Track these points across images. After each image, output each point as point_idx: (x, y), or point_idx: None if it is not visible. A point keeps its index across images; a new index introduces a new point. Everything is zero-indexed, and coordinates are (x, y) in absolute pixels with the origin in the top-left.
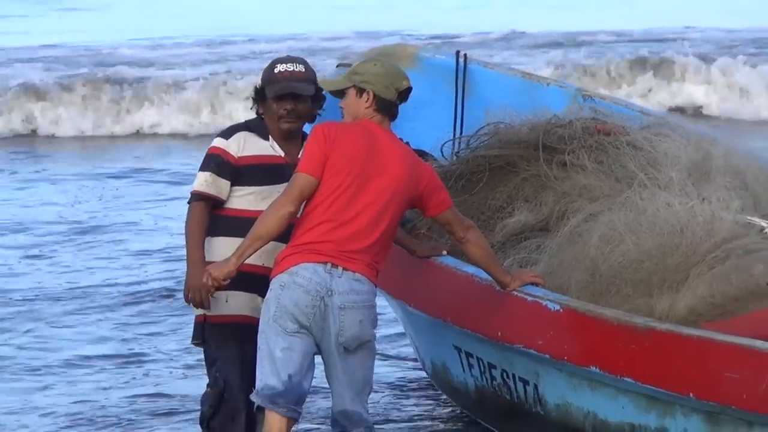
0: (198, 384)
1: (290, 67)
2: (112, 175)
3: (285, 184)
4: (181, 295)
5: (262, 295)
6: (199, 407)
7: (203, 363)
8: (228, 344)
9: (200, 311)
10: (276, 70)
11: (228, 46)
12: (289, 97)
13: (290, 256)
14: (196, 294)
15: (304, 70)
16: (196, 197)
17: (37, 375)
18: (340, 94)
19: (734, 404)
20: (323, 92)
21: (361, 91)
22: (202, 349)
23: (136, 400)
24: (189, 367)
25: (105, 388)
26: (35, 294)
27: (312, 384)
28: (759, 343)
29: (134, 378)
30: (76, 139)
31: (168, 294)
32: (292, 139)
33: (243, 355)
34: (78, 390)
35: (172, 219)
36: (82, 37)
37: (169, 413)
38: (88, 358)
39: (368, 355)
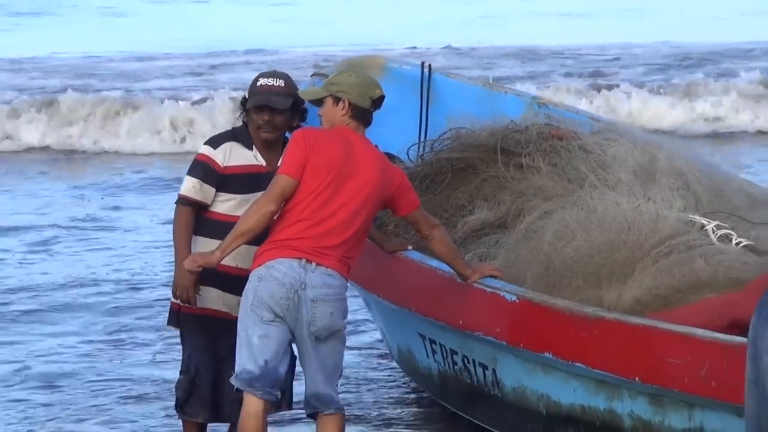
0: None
1: (270, 81)
2: None
3: (263, 192)
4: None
5: (232, 293)
6: (174, 393)
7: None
8: (198, 334)
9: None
10: (258, 83)
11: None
12: (266, 109)
13: (268, 251)
14: (183, 292)
15: (283, 84)
16: (184, 202)
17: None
18: (318, 102)
19: (676, 387)
20: (305, 105)
21: (337, 99)
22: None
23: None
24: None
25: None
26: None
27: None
28: (699, 332)
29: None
30: None
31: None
32: (273, 148)
33: (213, 345)
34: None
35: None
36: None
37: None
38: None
39: (338, 342)
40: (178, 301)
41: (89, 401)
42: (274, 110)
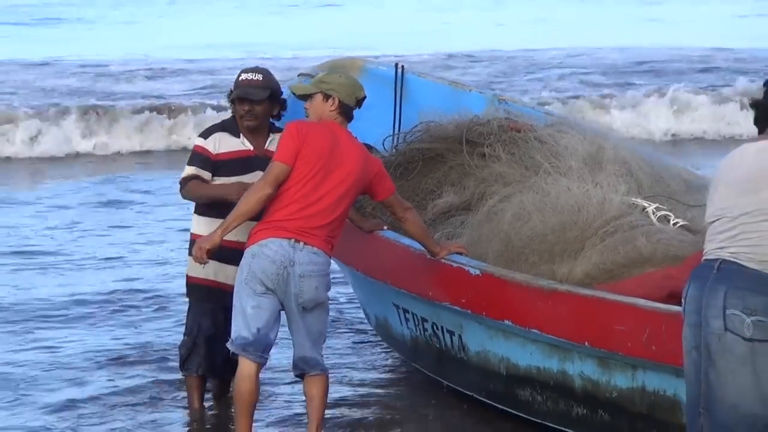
0: None
1: (250, 76)
2: None
3: (253, 173)
4: None
5: (231, 263)
6: (178, 352)
7: None
8: (201, 301)
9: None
10: (240, 78)
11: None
12: (246, 101)
13: (262, 230)
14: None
15: (261, 78)
16: (189, 179)
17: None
18: (305, 97)
19: (621, 351)
20: (283, 97)
21: (327, 96)
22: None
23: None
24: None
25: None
26: None
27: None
28: (641, 302)
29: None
30: None
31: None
32: (258, 133)
33: (212, 312)
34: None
35: None
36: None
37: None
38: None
39: (323, 312)
40: (188, 270)
41: None
42: (252, 101)
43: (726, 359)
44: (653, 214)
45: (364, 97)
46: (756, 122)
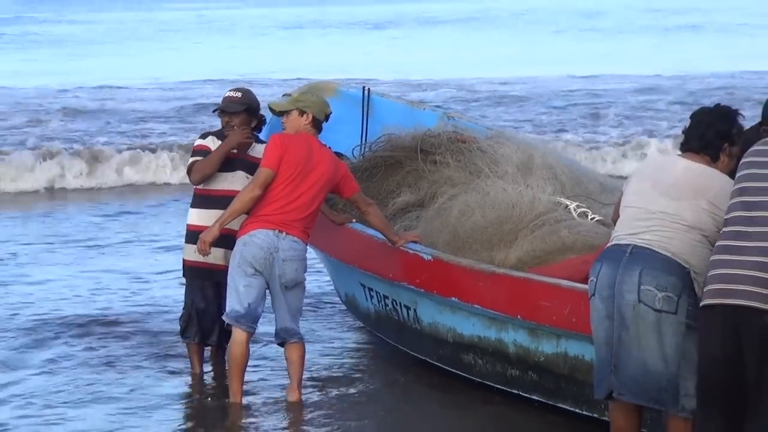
0: None
1: (232, 93)
2: None
3: (234, 172)
4: None
5: (216, 246)
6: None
7: None
8: (194, 280)
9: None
10: (225, 95)
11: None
12: (225, 113)
13: (251, 223)
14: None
15: (240, 95)
16: (195, 158)
17: None
18: (283, 113)
19: (547, 323)
20: (260, 112)
21: (302, 112)
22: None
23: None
24: None
25: None
26: None
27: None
28: (564, 282)
29: None
30: None
31: None
32: (243, 142)
33: (203, 288)
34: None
35: None
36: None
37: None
38: None
39: (301, 291)
40: (185, 255)
41: None
42: (230, 113)
43: (638, 326)
44: (574, 210)
45: (331, 113)
46: (681, 147)
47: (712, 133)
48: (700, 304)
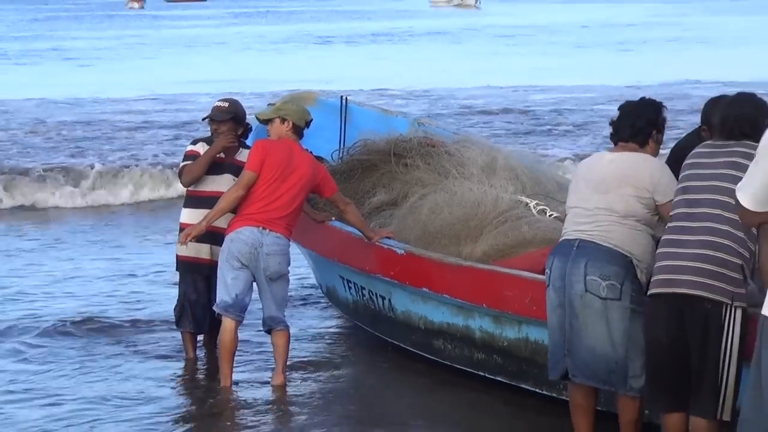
0: None
1: (220, 103)
2: None
3: (222, 175)
4: None
5: (205, 242)
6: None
7: None
8: (186, 273)
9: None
10: (214, 104)
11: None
12: (213, 121)
13: (238, 221)
14: (184, 237)
15: (227, 105)
16: (186, 163)
17: None
18: (267, 121)
19: (510, 311)
20: (245, 120)
21: (284, 120)
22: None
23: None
24: None
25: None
26: None
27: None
28: (525, 273)
29: None
30: None
31: None
32: (229, 147)
33: (195, 281)
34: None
35: None
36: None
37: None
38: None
39: (284, 282)
40: (178, 250)
41: None
42: (218, 121)
43: (586, 313)
44: (534, 208)
45: (311, 120)
46: (611, 137)
47: (643, 122)
48: (648, 293)
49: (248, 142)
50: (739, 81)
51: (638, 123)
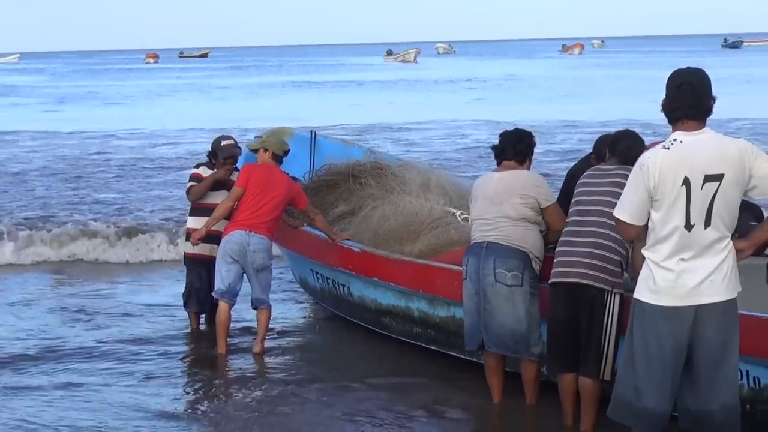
0: None
1: (230, 141)
2: None
3: (219, 191)
4: None
5: (207, 242)
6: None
7: None
8: (192, 267)
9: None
10: (222, 143)
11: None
12: (231, 159)
13: (231, 226)
14: (194, 240)
15: (235, 142)
16: (192, 183)
17: None
18: (255, 150)
19: (441, 295)
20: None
21: (266, 149)
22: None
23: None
24: None
25: None
26: None
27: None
28: (452, 266)
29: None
30: None
31: None
32: (229, 173)
33: (198, 273)
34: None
35: None
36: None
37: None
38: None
39: (268, 272)
40: (185, 248)
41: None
42: (235, 157)
43: (497, 298)
44: (459, 217)
45: (289, 150)
46: (496, 158)
47: (523, 145)
48: (549, 282)
49: (239, 164)
50: (617, 120)
51: (519, 146)
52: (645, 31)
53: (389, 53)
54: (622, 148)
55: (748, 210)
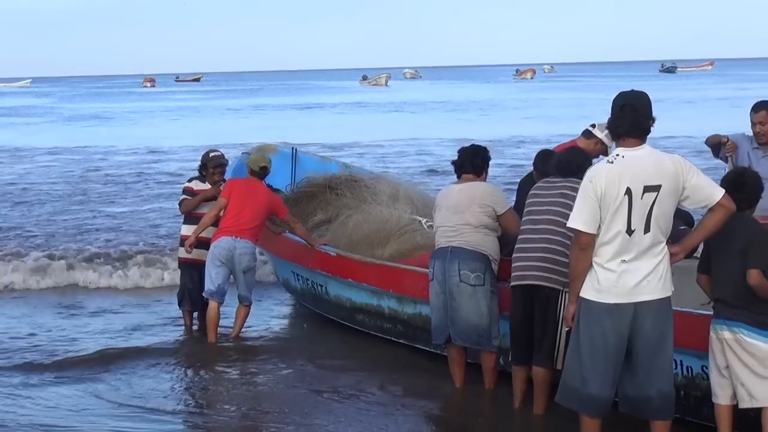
0: None
1: (218, 153)
2: None
3: (209, 202)
4: None
5: (199, 248)
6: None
7: None
8: (186, 270)
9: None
10: (210, 155)
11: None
12: (219, 165)
13: (218, 233)
14: (188, 247)
15: (222, 154)
16: (184, 196)
17: None
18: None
19: (409, 294)
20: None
21: (247, 166)
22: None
23: None
24: None
25: None
26: None
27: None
28: (419, 268)
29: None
30: None
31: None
32: (215, 183)
33: (191, 275)
34: None
35: None
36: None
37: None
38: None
39: (252, 273)
40: (179, 254)
41: None
42: (223, 165)
43: (462, 296)
44: (425, 224)
45: (263, 167)
46: (456, 172)
47: (479, 159)
48: (510, 285)
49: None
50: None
51: (476, 160)
52: (590, 58)
53: (364, 78)
54: (565, 162)
55: (679, 217)
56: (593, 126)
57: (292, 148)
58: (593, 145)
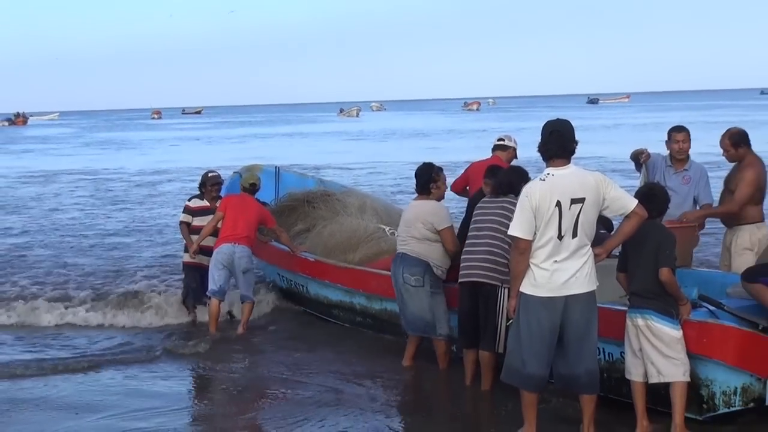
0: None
1: (215, 173)
2: None
3: (208, 216)
4: None
5: (202, 254)
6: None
7: None
8: (189, 272)
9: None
10: (209, 175)
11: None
12: (216, 184)
13: (219, 241)
14: (192, 253)
15: (218, 174)
16: (182, 222)
17: None
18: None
19: (376, 292)
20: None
21: (240, 184)
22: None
23: None
24: None
25: None
26: None
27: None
28: (383, 271)
29: None
30: None
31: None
32: (213, 199)
33: (194, 277)
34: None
35: None
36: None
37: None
38: None
39: (252, 275)
40: (184, 258)
41: None
42: (220, 184)
43: (407, 294)
44: (388, 232)
45: (253, 183)
46: (417, 188)
47: (424, 180)
48: (458, 281)
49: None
50: None
51: (421, 180)
52: (527, 92)
53: (341, 110)
54: (506, 181)
55: (600, 223)
56: (501, 140)
57: (276, 168)
58: (511, 154)
